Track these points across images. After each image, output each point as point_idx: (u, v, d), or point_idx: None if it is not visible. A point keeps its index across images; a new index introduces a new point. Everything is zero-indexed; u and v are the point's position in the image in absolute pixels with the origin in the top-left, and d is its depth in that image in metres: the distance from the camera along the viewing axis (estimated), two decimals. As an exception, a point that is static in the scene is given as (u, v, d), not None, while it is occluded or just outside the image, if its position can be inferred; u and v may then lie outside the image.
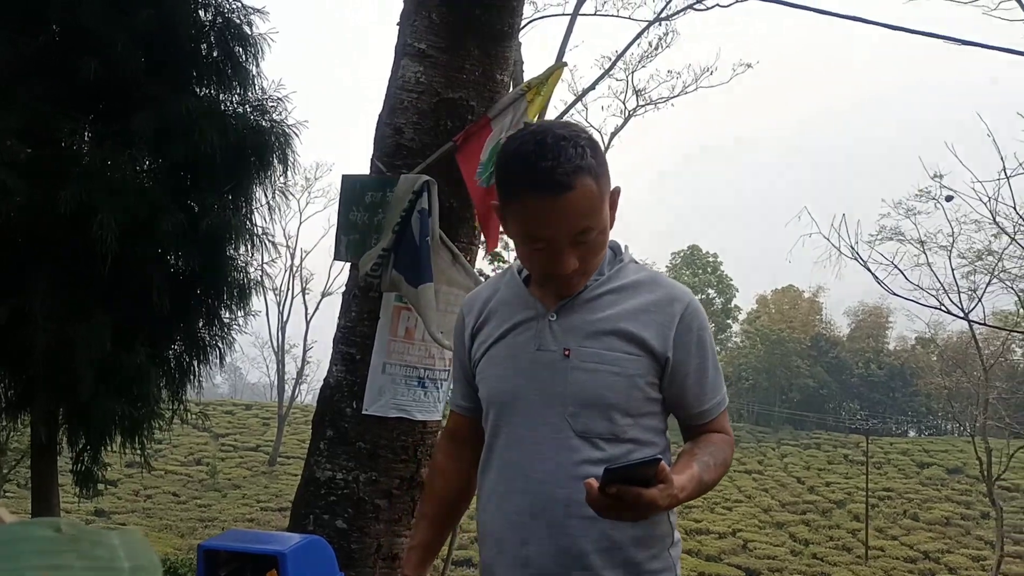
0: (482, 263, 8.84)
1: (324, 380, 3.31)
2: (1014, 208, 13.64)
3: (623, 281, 1.57)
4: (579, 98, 15.89)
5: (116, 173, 5.87)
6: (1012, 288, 15.26)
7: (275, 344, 39.99)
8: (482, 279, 3.17)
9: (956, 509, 33.55)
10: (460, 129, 3.05)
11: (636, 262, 1.64)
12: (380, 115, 3.22)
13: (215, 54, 6.51)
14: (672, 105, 22.46)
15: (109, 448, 6.58)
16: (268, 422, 41.25)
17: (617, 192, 1.52)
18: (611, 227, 1.53)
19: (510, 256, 8.89)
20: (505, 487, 1.57)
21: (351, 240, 3.17)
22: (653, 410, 1.56)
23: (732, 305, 57.84)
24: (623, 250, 1.63)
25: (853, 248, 8.47)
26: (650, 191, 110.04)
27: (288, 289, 38.46)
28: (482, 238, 3.27)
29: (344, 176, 3.25)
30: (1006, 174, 9.07)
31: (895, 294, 9.59)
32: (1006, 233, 11.64)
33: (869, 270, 8.61)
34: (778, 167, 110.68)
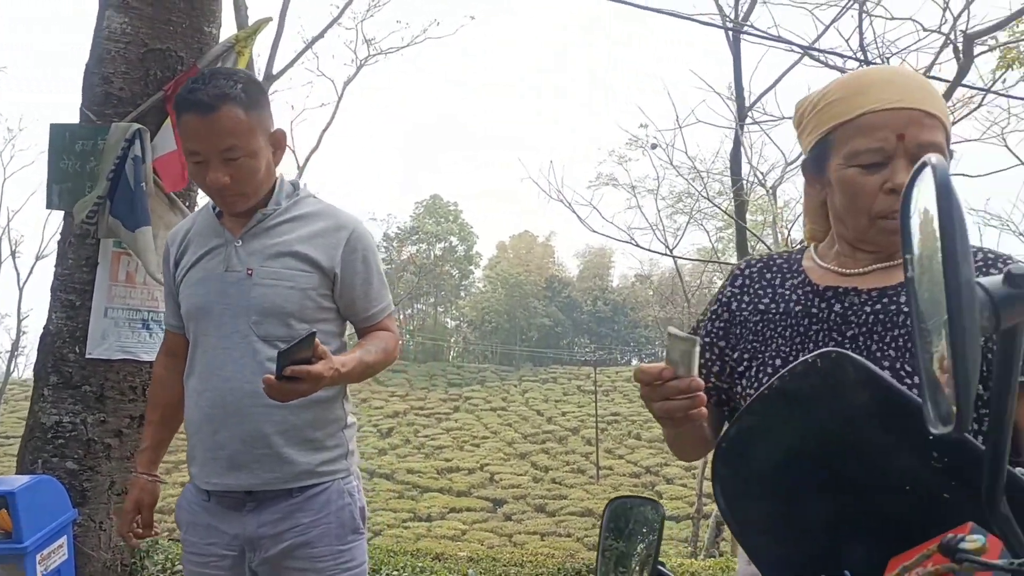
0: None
1: (44, 328, 3.33)
2: (685, 153, 15.49)
3: (300, 212, 1.89)
4: (309, 46, 15.67)
5: None
6: (702, 227, 17.27)
7: (-20, 314, 35.55)
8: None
9: (671, 426, 37.54)
10: (170, 79, 3.18)
11: (314, 197, 1.97)
12: (87, 64, 3.25)
13: None
14: (402, 55, 22.71)
15: None
16: (-21, 402, 36.92)
17: (280, 134, 1.87)
18: (277, 163, 1.89)
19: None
20: (202, 386, 1.85)
21: (63, 188, 3.20)
22: (327, 317, 1.88)
23: (474, 252, 59.85)
24: (302, 187, 1.96)
25: (560, 192, 9.34)
26: (392, 141, 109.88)
27: (-8, 253, 34.17)
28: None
29: (52, 125, 3.25)
30: (679, 123, 10.36)
31: (595, 231, 10.77)
32: (682, 176, 13.15)
33: (573, 211, 9.58)
34: (508, 115, 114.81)
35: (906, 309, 1.25)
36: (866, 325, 1.27)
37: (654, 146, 14.97)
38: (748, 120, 9.68)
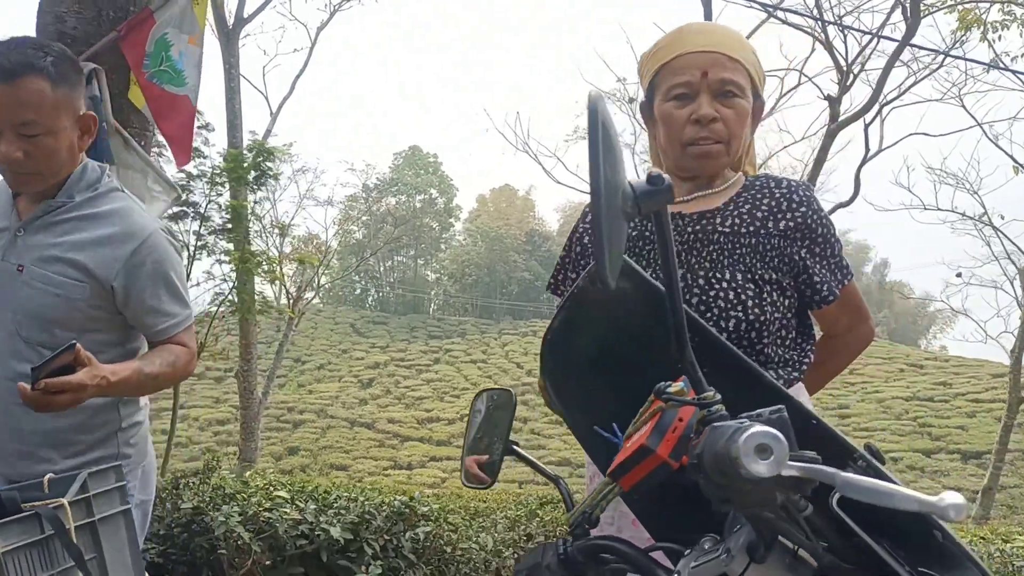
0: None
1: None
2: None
3: (91, 211, 1.74)
4: (282, -10, 15.52)
5: None
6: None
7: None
8: (157, 164, 3.43)
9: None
10: (123, 20, 3.23)
11: (121, 192, 1.81)
12: (40, 3, 3.30)
13: None
14: (376, 1, 22.53)
15: None
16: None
17: (90, 118, 1.73)
18: (83, 149, 1.75)
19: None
20: None
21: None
22: (99, 327, 1.75)
23: (454, 204, 59.73)
24: (107, 177, 1.80)
25: (526, 144, 9.44)
26: (369, 90, 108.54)
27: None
28: (158, 133, 3.49)
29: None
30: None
31: (559, 183, 10.85)
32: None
33: (539, 162, 9.68)
34: (484, 68, 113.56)
35: (721, 229, 1.48)
36: (687, 243, 1.49)
37: (631, 100, 14.93)
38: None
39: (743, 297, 1.43)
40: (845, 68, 8.47)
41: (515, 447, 1.27)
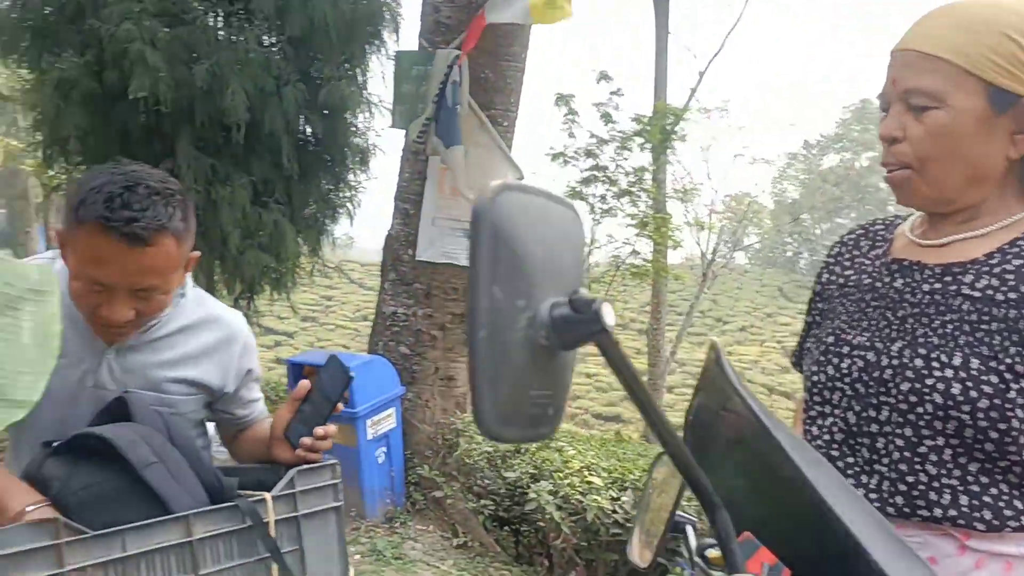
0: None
1: (388, 232, 3.89)
2: None
3: (183, 322, 1.56)
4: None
5: (243, 49, 6.44)
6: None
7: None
8: (507, 149, 3.56)
9: None
10: (488, 3, 3.39)
11: (198, 290, 1.63)
12: (423, -6, 3.61)
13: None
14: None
15: (258, 295, 7.48)
16: (430, 281, 43.27)
17: (196, 257, 1.51)
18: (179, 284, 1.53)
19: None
20: None
21: (402, 110, 3.65)
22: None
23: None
24: (185, 282, 1.58)
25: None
26: (814, 43, 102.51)
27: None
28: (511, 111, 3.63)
29: (397, 52, 3.70)
30: None
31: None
32: None
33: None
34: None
35: (966, 291, 1.03)
36: (919, 306, 1.07)
37: None
38: None
39: (972, 394, 0.98)
40: None
41: (688, 526, 1.08)
